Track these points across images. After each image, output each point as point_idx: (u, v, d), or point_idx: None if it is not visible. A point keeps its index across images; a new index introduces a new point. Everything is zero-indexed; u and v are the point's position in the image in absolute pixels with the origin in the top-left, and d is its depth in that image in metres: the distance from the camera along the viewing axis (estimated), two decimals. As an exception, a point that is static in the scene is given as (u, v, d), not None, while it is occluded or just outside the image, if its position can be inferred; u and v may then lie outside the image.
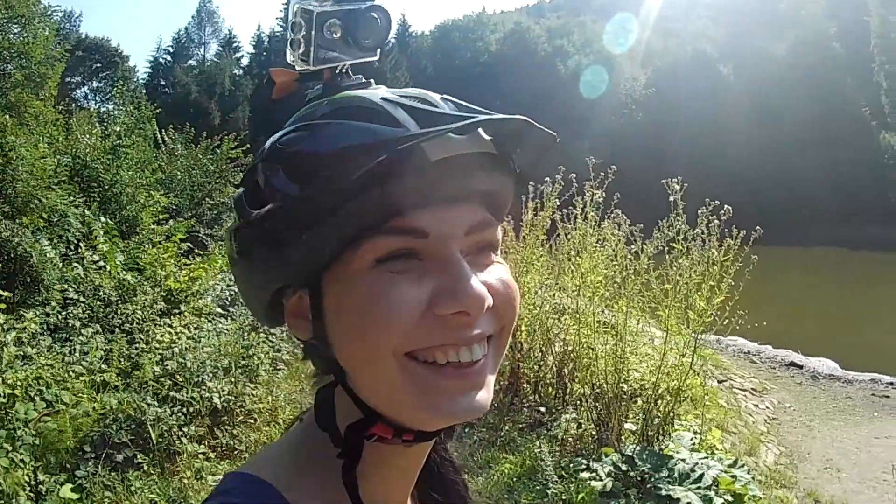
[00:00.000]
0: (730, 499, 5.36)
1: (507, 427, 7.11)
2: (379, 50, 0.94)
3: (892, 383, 17.74)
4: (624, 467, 5.36)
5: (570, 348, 7.03)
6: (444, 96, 0.87)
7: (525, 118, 0.82)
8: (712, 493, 5.16)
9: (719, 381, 12.89)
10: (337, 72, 0.92)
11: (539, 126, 0.85)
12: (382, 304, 0.76)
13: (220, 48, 73.92)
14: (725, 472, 5.53)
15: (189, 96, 62.33)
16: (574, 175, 6.86)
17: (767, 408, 13.13)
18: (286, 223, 0.78)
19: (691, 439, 6.10)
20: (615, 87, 54.51)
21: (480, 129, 0.81)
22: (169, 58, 71.60)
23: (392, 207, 0.77)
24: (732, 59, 55.65)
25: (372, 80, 0.93)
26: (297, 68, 0.93)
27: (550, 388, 7.58)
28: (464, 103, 0.85)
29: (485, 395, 0.82)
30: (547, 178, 7.10)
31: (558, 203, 7.14)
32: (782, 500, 8.64)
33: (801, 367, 17.98)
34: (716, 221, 5.72)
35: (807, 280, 37.31)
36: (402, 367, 0.78)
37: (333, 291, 0.80)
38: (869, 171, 50.41)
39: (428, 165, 0.77)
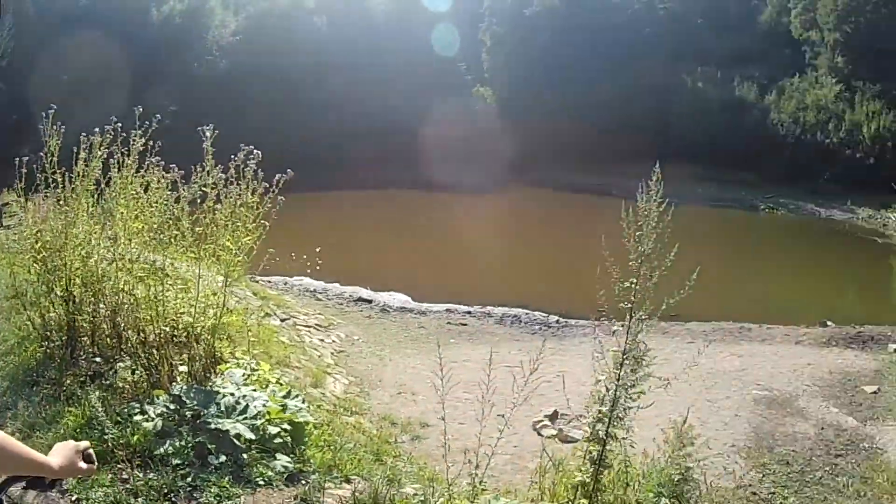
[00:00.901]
0: (288, 427, 5.93)
1: (68, 381, 7.14)
2: None
3: (469, 312, 19.65)
4: (173, 406, 5.73)
5: (119, 296, 7.18)
6: None
7: None
8: (260, 423, 5.70)
9: (282, 320, 13.42)
10: None
11: None
12: None
13: None
14: (276, 402, 6.08)
15: None
16: (118, 124, 6.98)
17: (334, 341, 14.01)
18: None
19: (243, 375, 6.59)
20: (204, 32, 53.28)
21: None
22: None
23: None
24: (328, 12, 56.72)
25: None
26: None
27: (107, 338, 7.68)
28: None
29: None
30: (97, 128, 7.17)
31: (106, 153, 7.21)
32: (355, 426, 9.39)
33: (370, 301, 19.39)
34: (252, 165, 6.18)
35: (386, 220, 39.49)
36: None
37: None
38: (460, 120, 54.83)
39: None
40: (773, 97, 63.08)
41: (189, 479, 5.05)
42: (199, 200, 6.50)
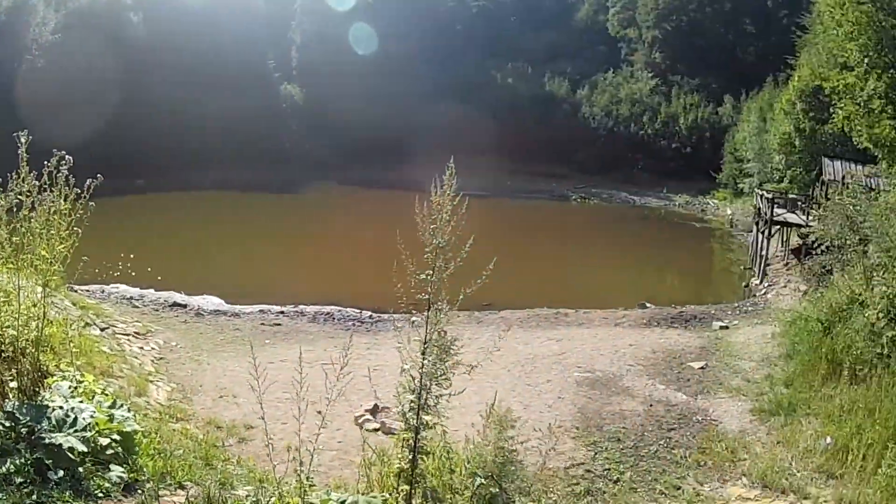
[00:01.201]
0: (117, 437, 6.16)
1: None
2: None
3: (282, 312, 19.93)
4: (8, 423, 5.87)
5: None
6: None
7: None
8: (91, 435, 5.92)
9: (102, 329, 13.38)
10: None
11: None
12: None
13: None
14: (103, 413, 6.34)
15: None
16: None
17: (153, 348, 14.11)
18: None
19: (70, 387, 6.76)
20: (25, 30, 50.59)
21: None
22: None
23: None
24: (144, 9, 55.11)
25: None
26: None
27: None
28: None
29: None
30: None
31: None
32: (182, 432, 9.58)
33: (184, 306, 19.48)
34: (64, 171, 6.38)
35: (198, 222, 38.90)
36: None
37: None
38: (267, 119, 54.60)
39: None
40: (585, 92, 66.35)
41: (34, 497, 5.21)
42: (15, 209, 6.57)
